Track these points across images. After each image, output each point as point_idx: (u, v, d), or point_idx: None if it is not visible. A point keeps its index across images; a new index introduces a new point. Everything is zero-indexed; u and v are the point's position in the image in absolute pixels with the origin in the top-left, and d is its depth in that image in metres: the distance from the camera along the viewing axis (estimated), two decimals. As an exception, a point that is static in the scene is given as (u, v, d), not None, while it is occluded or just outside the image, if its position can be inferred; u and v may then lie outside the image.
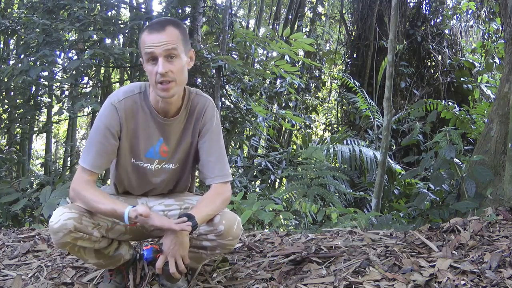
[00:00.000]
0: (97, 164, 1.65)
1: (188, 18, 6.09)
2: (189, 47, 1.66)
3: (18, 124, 6.28)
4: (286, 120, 7.89)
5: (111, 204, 1.58)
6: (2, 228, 3.32)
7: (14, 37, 7.09)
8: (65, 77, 5.57)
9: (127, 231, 1.76)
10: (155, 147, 1.74)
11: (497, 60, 7.38)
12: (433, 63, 9.02)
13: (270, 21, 12.23)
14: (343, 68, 10.34)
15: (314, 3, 10.54)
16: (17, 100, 6.40)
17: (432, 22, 9.04)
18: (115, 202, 1.61)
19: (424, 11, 9.17)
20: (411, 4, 9.32)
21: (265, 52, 8.57)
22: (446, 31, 8.97)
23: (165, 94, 1.59)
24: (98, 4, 6.03)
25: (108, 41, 5.83)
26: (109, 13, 6.00)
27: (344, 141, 6.74)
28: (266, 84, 7.99)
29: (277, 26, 9.16)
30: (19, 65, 4.87)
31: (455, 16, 9.19)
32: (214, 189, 1.73)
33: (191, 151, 1.81)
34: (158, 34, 1.55)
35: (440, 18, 8.98)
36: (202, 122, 1.77)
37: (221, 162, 1.76)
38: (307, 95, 10.45)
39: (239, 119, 6.83)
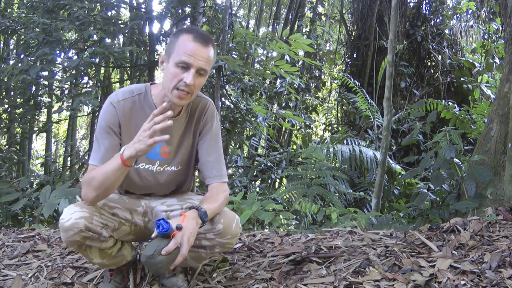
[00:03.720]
0: (106, 159, 1.65)
1: (188, 18, 6.09)
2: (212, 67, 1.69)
3: (18, 124, 6.28)
4: (286, 120, 7.89)
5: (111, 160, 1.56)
6: (2, 228, 3.32)
7: (14, 37, 7.09)
8: (65, 77, 5.57)
9: (131, 232, 1.77)
10: (155, 148, 1.75)
11: (497, 60, 7.37)
12: (433, 63, 9.02)
13: (270, 21, 12.24)
14: (343, 68, 10.34)
15: (314, 3, 10.54)
16: (17, 100, 6.40)
17: (432, 22, 9.04)
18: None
19: (424, 11, 9.17)
20: (411, 4, 9.32)
21: (265, 52, 8.57)
22: (446, 31, 8.97)
23: (178, 101, 1.62)
24: (98, 4, 6.03)
25: (108, 41, 5.83)
26: (109, 13, 5.99)
27: (344, 141, 6.74)
28: (266, 84, 7.99)
29: (277, 26, 9.16)
30: (19, 64, 4.87)
31: (455, 16, 9.19)
32: (215, 187, 1.75)
33: (193, 153, 1.83)
34: (202, 47, 1.57)
35: (440, 18, 8.98)
36: (202, 123, 1.79)
37: (219, 162, 1.79)
38: (307, 95, 10.44)
39: (239, 119, 6.83)
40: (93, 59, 5.33)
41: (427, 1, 9.14)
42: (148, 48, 6.53)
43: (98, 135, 1.68)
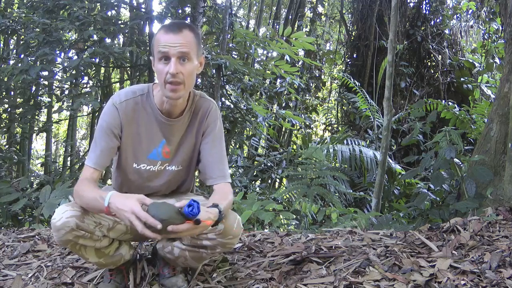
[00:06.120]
0: (100, 162, 1.66)
1: (188, 18, 6.09)
2: (201, 52, 1.68)
3: (18, 124, 6.28)
4: (286, 120, 7.90)
5: (96, 192, 1.53)
6: (2, 228, 3.33)
7: (14, 37, 7.09)
8: (65, 77, 5.58)
9: (128, 231, 1.76)
10: (157, 148, 1.75)
11: (497, 60, 7.38)
12: (433, 63, 9.02)
13: (270, 21, 12.23)
14: (343, 68, 10.34)
15: (314, 3, 10.55)
16: (17, 100, 6.40)
17: (432, 22, 9.04)
18: (101, 191, 1.55)
19: (424, 11, 9.17)
20: (411, 4, 9.32)
21: (265, 52, 8.58)
22: (446, 31, 8.97)
23: (172, 94, 1.60)
24: (98, 4, 6.03)
25: (108, 41, 5.84)
26: (109, 13, 6.00)
27: (344, 141, 6.73)
28: (266, 84, 8.00)
29: (277, 26, 9.17)
30: (19, 64, 4.87)
31: (455, 16, 9.19)
32: (222, 188, 1.74)
33: (194, 153, 1.82)
34: (174, 35, 1.56)
35: (440, 18, 8.98)
36: (205, 124, 1.78)
37: (223, 163, 1.78)
38: (307, 95, 10.45)
39: (239, 119, 6.84)
40: (93, 59, 5.33)
41: (427, 1, 9.14)
42: (148, 48, 6.53)
43: (97, 135, 1.68)
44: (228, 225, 1.65)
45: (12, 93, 6.33)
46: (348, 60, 9.98)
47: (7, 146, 7.04)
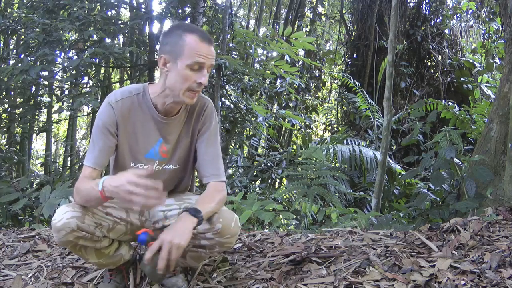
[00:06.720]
0: (99, 161, 1.67)
1: (188, 18, 6.09)
2: None
3: (18, 124, 6.28)
4: (286, 120, 7.90)
5: (92, 182, 1.54)
6: (2, 228, 3.33)
7: (14, 37, 7.10)
8: (65, 77, 5.58)
9: (128, 231, 1.76)
10: (155, 147, 1.75)
11: (497, 60, 7.38)
12: (433, 63, 9.02)
13: (270, 21, 12.24)
14: (343, 68, 10.34)
15: (314, 3, 10.56)
16: (17, 100, 6.41)
17: (432, 22, 9.04)
18: (95, 181, 1.55)
19: (424, 11, 9.17)
20: (411, 4, 9.32)
21: (265, 52, 8.58)
22: (446, 31, 8.97)
23: (189, 101, 1.64)
24: (98, 4, 6.04)
25: (108, 41, 5.84)
26: (109, 13, 6.00)
27: (344, 141, 6.73)
28: (266, 84, 8.00)
29: (277, 26, 9.17)
30: (19, 64, 4.87)
31: (455, 16, 9.19)
32: (212, 187, 1.74)
33: (191, 151, 1.82)
34: (209, 46, 1.60)
35: (440, 18, 8.98)
36: (201, 122, 1.79)
37: (217, 161, 1.78)
38: (307, 95, 10.45)
39: (239, 119, 6.84)
40: (93, 59, 5.33)
41: (427, 1, 9.14)
42: (148, 48, 6.53)
43: (94, 135, 1.69)
44: (225, 225, 1.65)
45: (12, 93, 6.34)
46: (348, 60, 9.98)
47: (7, 146, 7.05)
